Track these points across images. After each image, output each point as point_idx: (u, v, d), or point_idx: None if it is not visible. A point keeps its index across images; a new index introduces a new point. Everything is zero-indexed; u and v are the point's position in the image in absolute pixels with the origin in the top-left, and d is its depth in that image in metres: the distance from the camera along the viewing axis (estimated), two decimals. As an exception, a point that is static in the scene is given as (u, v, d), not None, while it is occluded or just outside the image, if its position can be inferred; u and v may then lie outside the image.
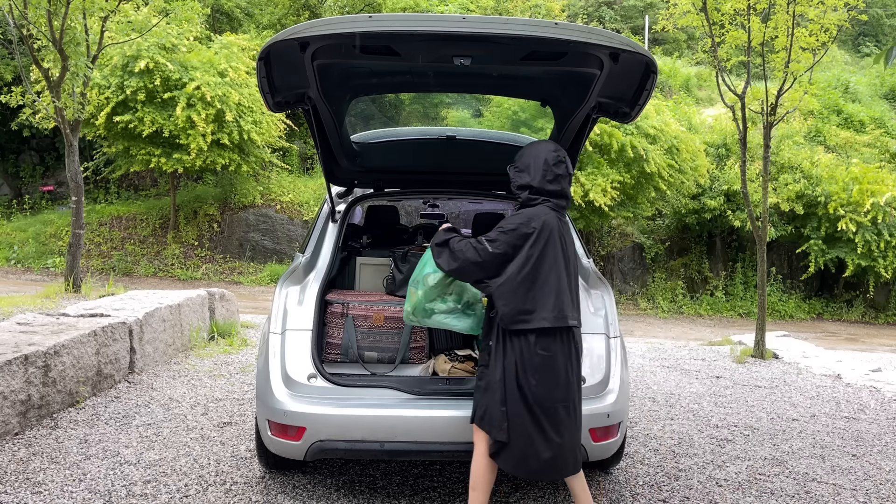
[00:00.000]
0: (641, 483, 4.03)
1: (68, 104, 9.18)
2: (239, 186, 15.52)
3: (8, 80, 15.49)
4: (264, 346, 3.60)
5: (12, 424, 4.24)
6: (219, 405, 5.17)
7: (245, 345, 7.32)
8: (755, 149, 14.32)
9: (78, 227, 9.66)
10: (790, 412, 5.73)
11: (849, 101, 20.78)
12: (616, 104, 3.61)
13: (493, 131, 6.64)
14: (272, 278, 14.18)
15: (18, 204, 16.94)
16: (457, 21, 2.93)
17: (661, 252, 15.86)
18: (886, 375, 7.26)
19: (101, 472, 3.83)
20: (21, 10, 8.68)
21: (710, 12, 8.01)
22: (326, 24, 2.97)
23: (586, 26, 3.17)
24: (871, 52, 27.65)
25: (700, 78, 22.40)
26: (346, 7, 18.12)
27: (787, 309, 15.11)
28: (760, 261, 8.37)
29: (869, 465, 4.53)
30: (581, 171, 13.21)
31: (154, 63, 12.90)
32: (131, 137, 13.45)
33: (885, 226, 14.09)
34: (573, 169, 3.35)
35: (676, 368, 7.39)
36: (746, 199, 8.46)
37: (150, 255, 14.92)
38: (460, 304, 3.35)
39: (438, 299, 3.30)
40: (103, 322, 5.40)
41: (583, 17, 25.58)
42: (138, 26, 11.21)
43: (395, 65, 3.68)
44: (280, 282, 3.80)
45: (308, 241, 4.27)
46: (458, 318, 3.35)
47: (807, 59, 8.22)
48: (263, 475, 3.89)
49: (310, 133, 4.68)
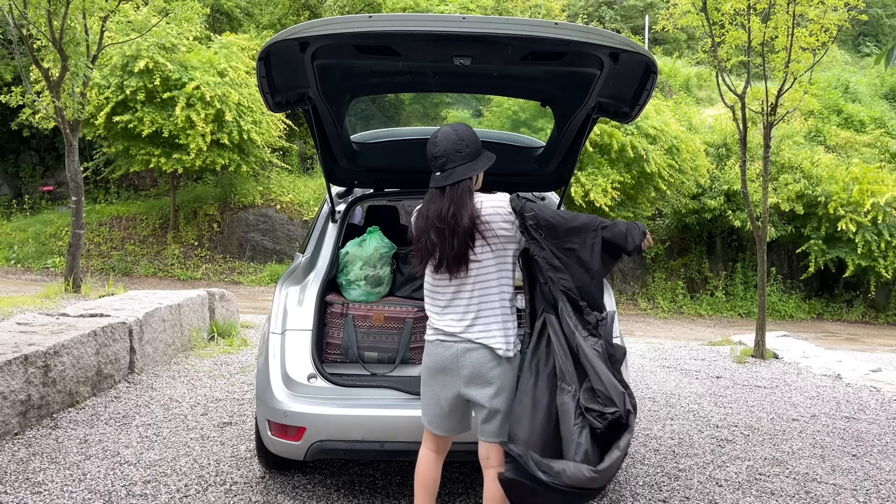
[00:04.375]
0: (641, 483, 4.03)
1: (68, 104, 9.17)
2: (239, 186, 15.52)
3: (8, 80, 15.49)
4: (264, 347, 3.60)
5: (12, 424, 4.24)
6: (219, 405, 5.17)
7: (245, 345, 7.32)
8: (755, 149, 14.32)
9: (78, 227, 9.66)
10: (790, 412, 5.73)
11: (849, 101, 20.78)
12: (616, 104, 3.61)
13: (492, 131, 6.63)
14: (272, 278, 14.18)
15: (18, 204, 16.94)
16: (457, 21, 2.93)
17: (662, 252, 15.86)
18: (886, 375, 7.27)
19: (101, 472, 3.83)
20: (21, 10, 8.68)
21: (710, 12, 8.01)
22: (326, 24, 2.97)
23: (586, 26, 3.16)
24: (871, 52, 27.65)
25: (700, 78, 22.40)
26: (346, 7, 18.12)
27: (788, 309, 15.11)
28: (760, 261, 8.37)
29: (869, 465, 4.53)
30: (581, 171, 13.22)
31: (154, 63, 12.90)
32: (131, 137, 13.45)
33: (885, 226, 14.10)
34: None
35: (676, 368, 7.39)
36: (746, 199, 8.46)
37: (150, 255, 14.92)
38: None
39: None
40: (103, 322, 5.40)
41: (583, 17, 25.58)
42: (138, 26, 11.22)
43: (394, 65, 3.67)
44: (280, 282, 3.80)
45: (308, 241, 4.26)
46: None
47: (807, 59, 8.22)
48: (263, 475, 3.89)
49: (310, 133, 4.68)
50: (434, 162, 2.87)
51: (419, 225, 2.91)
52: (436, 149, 2.86)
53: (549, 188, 4.49)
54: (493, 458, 2.90)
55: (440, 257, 2.83)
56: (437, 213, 2.83)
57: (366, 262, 3.78)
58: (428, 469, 3.00)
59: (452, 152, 2.84)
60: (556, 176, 4.37)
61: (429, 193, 2.91)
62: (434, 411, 2.95)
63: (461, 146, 2.86)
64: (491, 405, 2.84)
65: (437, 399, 2.92)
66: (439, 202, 2.84)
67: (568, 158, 4.24)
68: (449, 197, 2.82)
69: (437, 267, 2.86)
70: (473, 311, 2.84)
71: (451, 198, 2.82)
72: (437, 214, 2.83)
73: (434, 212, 2.84)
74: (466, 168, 2.84)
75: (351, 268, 3.79)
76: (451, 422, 2.95)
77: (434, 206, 2.85)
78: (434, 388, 2.92)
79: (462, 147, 2.86)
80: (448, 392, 2.89)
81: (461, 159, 2.85)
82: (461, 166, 2.84)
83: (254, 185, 15.63)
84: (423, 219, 2.89)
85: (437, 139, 2.87)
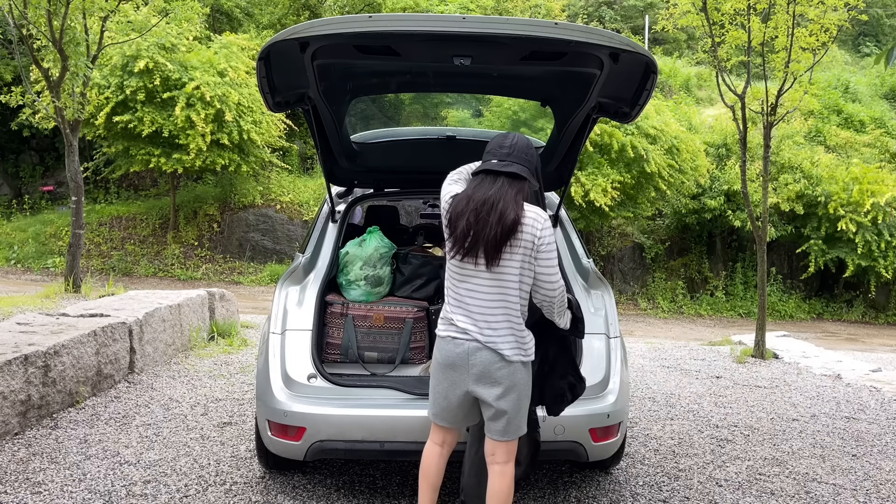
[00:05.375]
0: (641, 483, 4.03)
1: (68, 104, 9.17)
2: (239, 186, 15.52)
3: (8, 80, 15.48)
4: (264, 347, 3.60)
5: (12, 424, 4.24)
6: (219, 405, 5.17)
7: (245, 345, 7.31)
8: (755, 149, 14.32)
9: (78, 227, 9.66)
10: (790, 412, 5.73)
11: (849, 101, 20.77)
12: (616, 104, 3.61)
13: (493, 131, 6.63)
14: (272, 278, 14.18)
15: (18, 204, 16.93)
16: (457, 21, 2.93)
17: (661, 252, 15.86)
18: (886, 375, 7.27)
19: (101, 473, 3.83)
20: (21, 10, 8.68)
21: (710, 12, 8.01)
22: (326, 24, 2.97)
23: (586, 26, 3.17)
24: (871, 52, 27.63)
25: (700, 78, 22.39)
26: (346, 7, 18.12)
27: (788, 309, 15.10)
28: (760, 261, 8.36)
29: (869, 465, 4.53)
30: (581, 171, 13.21)
31: (154, 63, 12.90)
32: (131, 137, 13.44)
33: (885, 226, 14.09)
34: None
35: (676, 368, 7.39)
36: (746, 199, 8.45)
37: (150, 255, 14.91)
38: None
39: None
40: (103, 322, 5.40)
41: (583, 17, 25.56)
42: (138, 26, 11.22)
43: (395, 65, 3.68)
44: (280, 282, 3.80)
45: (308, 241, 4.27)
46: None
47: (807, 59, 8.22)
48: (263, 475, 3.89)
49: (310, 133, 4.69)
50: (497, 151, 2.88)
51: (459, 207, 2.85)
52: (506, 142, 2.90)
53: (549, 188, 4.50)
54: (498, 454, 2.92)
55: (472, 243, 2.79)
56: (483, 198, 2.81)
57: (366, 262, 3.79)
58: (432, 462, 3.03)
59: (520, 152, 2.87)
60: (557, 176, 4.37)
61: (477, 179, 2.88)
62: (442, 405, 2.97)
63: (529, 155, 2.90)
64: (497, 405, 2.85)
65: (445, 393, 2.94)
66: (489, 188, 2.82)
67: (568, 158, 4.24)
68: (501, 187, 2.81)
69: (465, 253, 2.82)
70: (489, 312, 2.84)
71: (503, 188, 2.81)
72: (484, 200, 2.80)
73: (481, 196, 2.81)
74: (526, 172, 2.86)
75: (351, 268, 3.80)
76: (457, 416, 2.98)
77: (482, 192, 2.82)
78: (443, 382, 2.93)
79: (530, 156, 2.90)
80: (457, 389, 2.91)
81: (524, 163, 2.86)
82: (522, 168, 2.85)
83: (254, 185, 15.63)
84: (466, 200, 2.85)
85: (510, 137, 2.92)
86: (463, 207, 2.84)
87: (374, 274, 3.79)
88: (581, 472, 4.11)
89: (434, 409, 3.00)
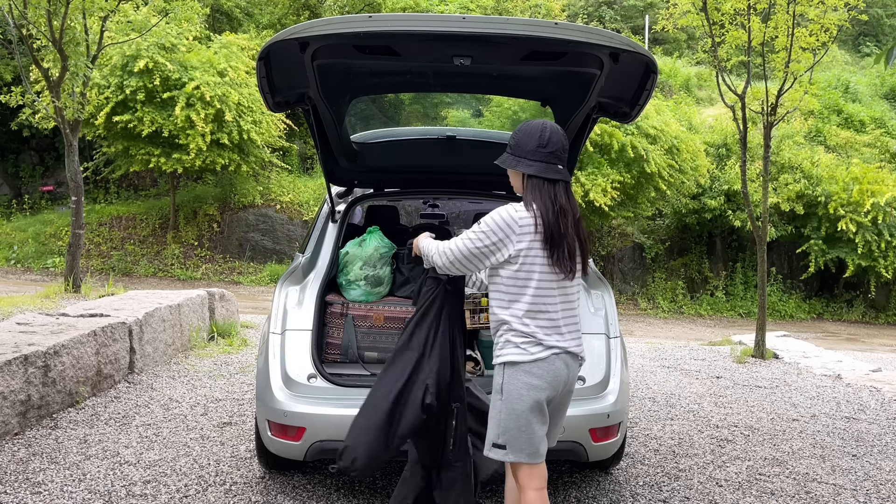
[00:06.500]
0: (641, 483, 4.03)
1: (68, 104, 9.17)
2: (239, 186, 15.52)
3: (8, 80, 15.49)
4: (264, 347, 3.59)
5: (12, 424, 4.24)
6: (218, 405, 5.17)
7: (245, 345, 7.31)
8: (755, 149, 14.32)
9: (78, 227, 9.66)
10: (790, 412, 5.73)
11: (849, 101, 20.77)
12: (616, 104, 3.61)
13: (493, 131, 6.63)
14: (272, 278, 14.18)
15: (18, 204, 16.94)
16: (457, 21, 2.93)
17: (662, 252, 15.86)
18: (886, 375, 7.27)
19: (101, 473, 3.83)
20: (21, 10, 8.68)
21: (710, 12, 8.01)
22: (326, 24, 2.97)
23: (586, 26, 3.16)
24: (871, 52, 27.63)
25: (700, 78, 22.39)
26: (346, 7, 18.13)
27: (788, 309, 15.11)
28: (760, 261, 8.36)
29: (869, 465, 4.53)
30: (581, 171, 13.22)
31: (153, 63, 12.90)
32: (131, 137, 13.45)
33: (885, 226, 14.10)
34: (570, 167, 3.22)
35: (676, 368, 7.39)
36: (746, 199, 8.45)
37: (150, 255, 14.92)
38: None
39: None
40: (103, 322, 5.39)
41: (583, 17, 25.56)
42: (138, 26, 11.23)
43: (395, 65, 3.68)
44: (280, 282, 3.80)
45: (308, 241, 4.27)
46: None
47: (807, 59, 8.22)
48: (263, 475, 3.89)
49: (310, 133, 4.68)
50: (548, 154, 2.69)
51: (550, 215, 2.65)
52: (548, 141, 2.70)
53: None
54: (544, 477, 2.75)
55: (570, 256, 2.67)
56: (565, 209, 2.69)
57: (366, 262, 3.79)
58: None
59: (561, 151, 2.74)
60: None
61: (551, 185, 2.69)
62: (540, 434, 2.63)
63: (566, 144, 2.78)
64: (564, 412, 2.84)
65: (542, 422, 2.64)
66: (564, 195, 2.71)
67: (568, 158, 4.24)
68: (568, 194, 2.73)
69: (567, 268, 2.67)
70: (574, 321, 2.75)
71: (570, 196, 2.74)
72: (566, 210, 2.69)
73: (563, 203, 2.69)
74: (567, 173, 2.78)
75: (351, 268, 3.80)
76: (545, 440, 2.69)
77: (561, 198, 2.69)
78: (536, 410, 2.60)
79: (567, 147, 2.78)
80: (545, 411, 2.66)
81: (565, 162, 2.77)
82: (566, 170, 2.77)
83: (254, 185, 15.63)
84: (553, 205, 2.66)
85: (548, 132, 2.71)
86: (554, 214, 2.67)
87: (374, 274, 3.79)
88: (581, 472, 4.11)
89: (530, 449, 2.60)
